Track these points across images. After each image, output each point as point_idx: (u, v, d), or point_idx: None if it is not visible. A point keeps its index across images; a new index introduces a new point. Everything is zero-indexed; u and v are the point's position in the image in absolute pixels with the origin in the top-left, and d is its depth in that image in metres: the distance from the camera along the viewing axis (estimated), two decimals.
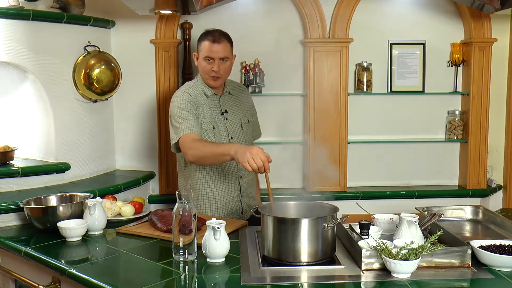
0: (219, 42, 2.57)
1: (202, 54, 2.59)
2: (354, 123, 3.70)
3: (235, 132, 2.67)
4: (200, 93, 2.64)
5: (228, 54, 2.61)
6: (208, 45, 2.57)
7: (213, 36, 2.57)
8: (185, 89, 2.64)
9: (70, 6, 3.19)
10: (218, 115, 2.65)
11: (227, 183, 2.64)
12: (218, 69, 2.57)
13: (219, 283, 1.77)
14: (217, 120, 2.63)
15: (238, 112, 2.73)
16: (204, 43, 2.59)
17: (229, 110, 2.69)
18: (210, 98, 2.65)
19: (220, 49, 2.56)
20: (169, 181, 3.66)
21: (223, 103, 2.69)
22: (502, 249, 1.87)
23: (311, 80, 3.59)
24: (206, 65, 2.58)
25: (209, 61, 2.58)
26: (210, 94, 2.65)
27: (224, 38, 2.59)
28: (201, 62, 2.61)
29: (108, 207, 2.55)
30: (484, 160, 3.72)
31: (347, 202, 3.33)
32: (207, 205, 2.65)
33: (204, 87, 2.65)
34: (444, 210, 2.42)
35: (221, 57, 2.57)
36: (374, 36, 3.72)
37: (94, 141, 3.39)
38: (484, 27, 3.60)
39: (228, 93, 2.73)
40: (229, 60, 2.62)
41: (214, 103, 2.66)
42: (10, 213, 2.58)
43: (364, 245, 1.91)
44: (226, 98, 2.72)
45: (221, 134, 2.63)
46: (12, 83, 3.19)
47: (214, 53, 2.56)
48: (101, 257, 2.12)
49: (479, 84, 3.64)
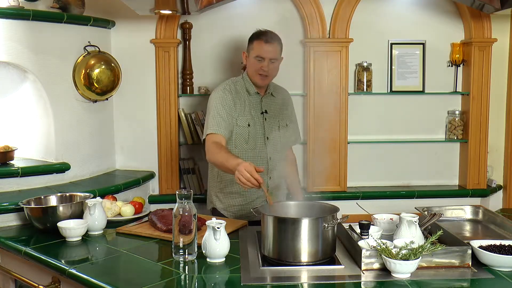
0: (272, 42, 2.63)
1: (254, 53, 2.64)
2: (354, 123, 3.70)
3: (272, 132, 2.71)
4: (242, 89, 2.70)
5: (278, 56, 2.67)
6: (260, 45, 2.62)
7: (266, 37, 2.63)
8: (228, 84, 2.70)
9: (70, 6, 3.19)
10: (257, 114, 2.69)
11: None
12: (268, 69, 2.62)
13: (219, 283, 1.77)
14: (255, 119, 2.67)
15: (278, 114, 2.77)
16: (256, 42, 2.64)
17: (269, 111, 2.73)
18: (252, 96, 2.70)
19: (271, 50, 2.63)
20: (169, 181, 3.66)
21: (264, 103, 2.73)
22: (502, 249, 1.87)
23: (311, 80, 3.59)
24: (256, 63, 2.63)
25: (259, 60, 2.62)
26: (252, 92, 2.70)
27: (276, 40, 2.66)
28: (251, 60, 2.66)
29: (108, 207, 2.55)
30: (484, 160, 3.72)
31: (347, 202, 3.34)
32: (234, 198, 2.68)
33: (248, 85, 2.70)
34: (444, 210, 2.42)
35: (271, 58, 2.63)
36: (374, 36, 3.71)
37: (94, 141, 3.39)
38: (484, 27, 3.60)
39: (271, 95, 2.78)
40: (278, 61, 2.69)
41: (255, 102, 2.71)
42: (10, 213, 2.58)
43: (364, 245, 1.91)
44: (268, 99, 2.76)
45: (257, 132, 2.67)
46: (12, 83, 3.19)
47: (265, 52, 2.61)
48: (101, 257, 2.12)
49: (479, 84, 3.64)
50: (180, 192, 1.94)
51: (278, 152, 2.74)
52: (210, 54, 3.68)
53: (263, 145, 2.68)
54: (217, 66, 3.69)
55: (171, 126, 3.61)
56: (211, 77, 3.68)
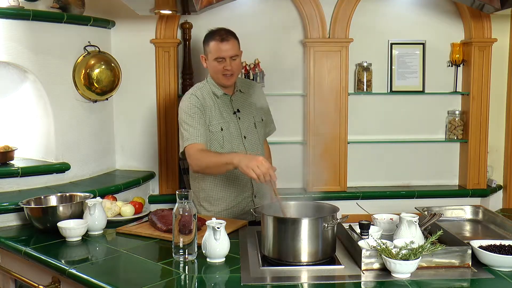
0: (228, 40, 2.55)
1: (212, 56, 2.57)
2: (354, 123, 3.70)
3: (248, 131, 2.66)
4: (209, 94, 2.62)
5: (237, 51, 2.59)
6: (216, 45, 2.54)
7: (220, 36, 2.55)
8: (193, 92, 2.62)
9: (70, 6, 3.19)
10: (230, 114, 2.63)
11: (238, 183, 2.63)
12: (231, 67, 2.56)
13: (219, 283, 1.77)
14: (228, 120, 2.61)
15: (251, 111, 2.70)
16: (212, 43, 2.56)
17: (241, 109, 2.67)
18: (220, 98, 2.63)
19: (229, 48, 2.55)
20: (169, 181, 3.66)
21: (235, 102, 2.67)
22: (502, 249, 1.87)
23: (311, 80, 3.58)
24: (217, 65, 2.56)
25: (220, 61, 2.56)
26: (220, 94, 2.63)
27: (231, 36, 2.58)
28: (211, 63, 2.58)
29: (108, 207, 2.54)
30: (484, 160, 3.72)
31: (347, 202, 3.34)
32: (219, 205, 2.64)
33: (214, 88, 2.63)
34: (444, 210, 2.42)
35: (231, 55, 2.56)
36: (374, 36, 3.72)
37: (94, 141, 3.39)
38: (484, 27, 3.60)
39: (239, 91, 2.71)
40: (239, 57, 2.61)
41: (225, 103, 2.64)
42: (10, 213, 2.57)
43: (364, 245, 1.91)
44: (238, 97, 2.69)
45: (233, 134, 2.61)
46: (12, 83, 3.19)
47: (224, 52, 2.54)
48: (101, 257, 2.12)
49: (479, 84, 3.64)
50: (180, 192, 1.93)
51: (257, 149, 2.69)
52: None
53: (241, 145, 2.62)
54: None
55: (171, 126, 3.61)
56: None
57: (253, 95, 2.74)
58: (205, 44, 2.61)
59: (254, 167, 2.16)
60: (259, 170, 2.15)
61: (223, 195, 2.64)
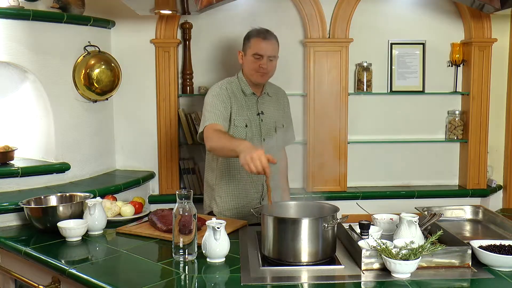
0: (270, 40, 2.59)
1: (251, 51, 2.59)
2: (354, 123, 3.70)
3: (268, 134, 2.67)
4: (238, 89, 2.65)
5: (276, 53, 2.63)
6: (258, 42, 2.58)
7: (264, 34, 2.59)
8: (223, 83, 2.65)
9: (70, 6, 3.19)
10: (253, 115, 2.65)
11: (251, 183, 2.65)
12: (266, 66, 2.58)
13: (219, 283, 1.77)
14: (251, 120, 2.63)
15: (274, 115, 2.73)
16: (253, 39, 2.59)
17: (265, 112, 2.69)
18: (247, 97, 2.65)
19: (270, 47, 2.58)
20: (169, 181, 3.66)
21: (260, 104, 2.69)
22: (502, 249, 1.87)
23: (311, 80, 3.59)
24: (254, 61, 2.58)
25: (257, 58, 2.58)
26: (248, 93, 2.65)
27: (274, 38, 2.63)
28: (248, 58, 2.61)
29: (108, 207, 2.55)
30: (484, 160, 3.72)
31: (347, 202, 3.34)
32: (228, 202, 2.66)
33: (243, 85, 2.65)
34: (444, 210, 2.42)
35: (270, 55, 2.59)
36: (374, 36, 3.72)
37: (94, 141, 3.39)
38: (484, 27, 3.60)
39: (267, 95, 2.73)
40: (276, 59, 2.64)
41: (251, 102, 2.66)
42: (10, 213, 2.58)
43: (364, 245, 1.91)
44: (264, 100, 2.71)
45: (254, 134, 2.62)
46: (12, 83, 3.19)
47: (263, 50, 2.57)
48: (101, 257, 2.12)
49: (479, 84, 3.64)
50: (180, 192, 1.93)
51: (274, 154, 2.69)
52: (210, 54, 3.68)
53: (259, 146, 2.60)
54: (217, 66, 3.69)
55: (171, 126, 3.62)
56: (211, 77, 3.68)
57: (279, 101, 2.79)
58: (246, 39, 2.64)
59: (249, 162, 2.13)
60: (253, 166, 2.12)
61: (234, 193, 2.65)
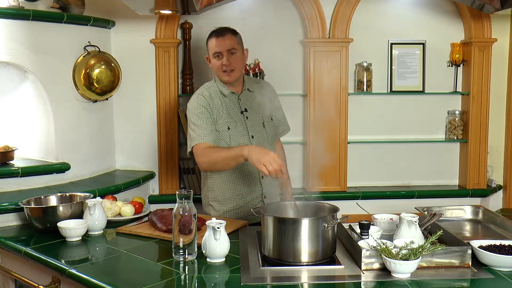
0: (223, 35, 2.57)
1: (211, 52, 2.60)
2: (354, 123, 3.70)
3: (256, 130, 2.64)
4: (216, 93, 2.62)
5: (235, 45, 2.58)
6: (212, 41, 2.58)
7: (216, 32, 2.59)
8: (200, 91, 2.63)
9: (70, 6, 3.19)
10: (237, 114, 2.62)
11: (247, 183, 2.62)
12: (228, 62, 2.55)
13: (219, 283, 1.77)
14: (236, 120, 2.60)
15: (260, 110, 2.68)
16: (210, 41, 2.60)
17: (249, 108, 2.65)
18: (228, 97, 2.63)
19: (225, 42, 2.55)
20: (169, 181, 3.66)
21: (243, 102, 2.66)
22: (502, 249, 1.87)
23: (311, 80, 3.58)
24: (216, 61, 2.58)
25: (218, 57, 2.57)
26: (227, 93, 2.63)
27: (227, 31, 2.59)
28: (212, 61, 2.60)
29: (108, 207, 2.55)
30: (484, 160, 3.72)
31: (347, 202, 3.34)
32: (227, 204, 2.63)
33: (222, 87, 2.63)
34: (444, 210, 2.42)
35: (228, 49, 2.55)
36: (374, 36, 3.72)
37: (94, 141, 3.39)
38: (484, 27, 3.60)
39: (248, 90, 2.69)
40: (238, 51, 2.59)
41: (232, 102, 2.63)
42: (10, 213, 2.58)
43: (364, 245, 1.91)
44: (246, 96, 2.68)
45: (240, 133, 2.59)
46: (12, 83, 3.19)
47: (220, 46, 2.55)
48: (101, 257, 2.12)
49: (479, 84, 3.64)
50: (180, 192, 1.94)
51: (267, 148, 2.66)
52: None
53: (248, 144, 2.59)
54: None
55: (171, 126, 3.62)
56: (211, 77, 3.65)
57: (262, 94, 2.73)
58: (206, 44, 2.64)
59: (267, 163, 2.15)
60: (271, 166, 2.14)
61: (232, 195, 2.63)
